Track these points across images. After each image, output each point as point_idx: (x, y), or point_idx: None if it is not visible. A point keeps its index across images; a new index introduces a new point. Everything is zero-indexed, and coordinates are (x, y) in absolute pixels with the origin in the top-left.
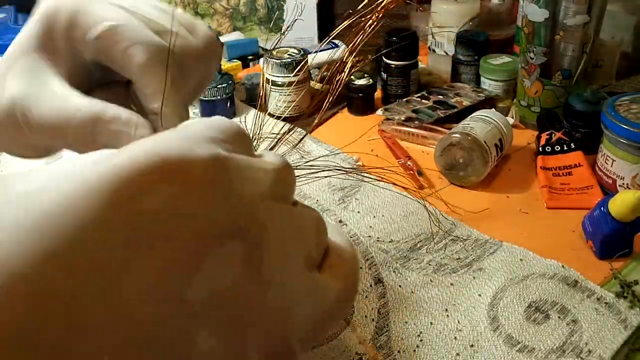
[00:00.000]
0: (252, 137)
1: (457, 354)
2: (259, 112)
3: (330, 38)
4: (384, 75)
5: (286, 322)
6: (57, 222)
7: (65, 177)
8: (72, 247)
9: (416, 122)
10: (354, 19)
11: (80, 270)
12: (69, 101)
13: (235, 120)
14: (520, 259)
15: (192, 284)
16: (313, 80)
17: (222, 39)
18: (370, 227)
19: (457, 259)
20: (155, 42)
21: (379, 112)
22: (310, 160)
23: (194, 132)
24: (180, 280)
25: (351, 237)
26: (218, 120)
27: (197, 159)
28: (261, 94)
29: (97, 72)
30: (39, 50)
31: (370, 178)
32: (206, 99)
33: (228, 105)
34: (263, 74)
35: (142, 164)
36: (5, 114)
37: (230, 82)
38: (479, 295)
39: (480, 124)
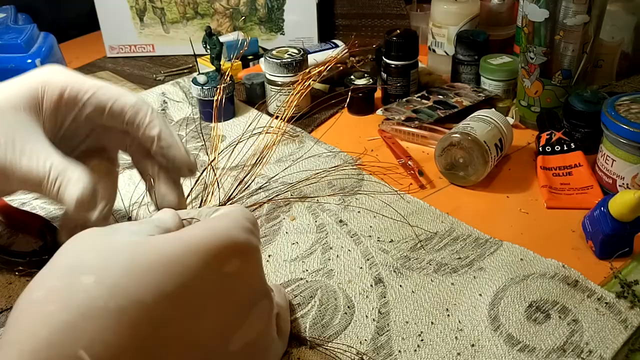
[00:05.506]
0: (251, 136)
1: (458, 354)
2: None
3: None
4: (384, 75)
5: None
6: (165, 270)
7: (165, 240)
8: (179, 289)
9: (416, 122)
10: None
11: (180, 304)
12: (47, 158)
13: (236, 120)
14: (521, 259)
15: (240, 331)
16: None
17: (222, 39)
18: (371, 227)
19: (457, 258)
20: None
21: (379, 112)
22: (304, 158)
23: (236, 220)
24: (237, 325)
25: (351, 237)
26: (246, 211)
27: (246, 242)
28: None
29: (78, 137)
30: (27, 110)
31: (371, 178)
32: (206, 99)
33: (228, 105)
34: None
35: (222, 241)
36: None
37: (230, 82)
38: (480, 294)
39: (480, 124)
